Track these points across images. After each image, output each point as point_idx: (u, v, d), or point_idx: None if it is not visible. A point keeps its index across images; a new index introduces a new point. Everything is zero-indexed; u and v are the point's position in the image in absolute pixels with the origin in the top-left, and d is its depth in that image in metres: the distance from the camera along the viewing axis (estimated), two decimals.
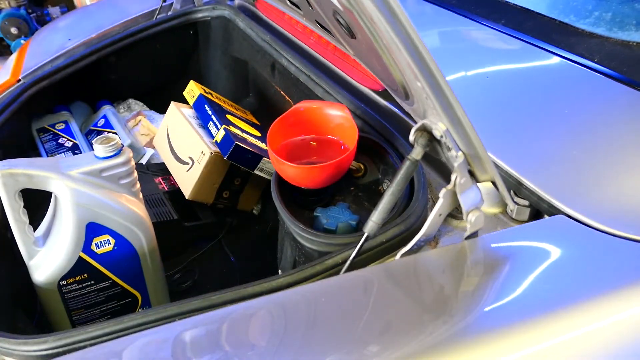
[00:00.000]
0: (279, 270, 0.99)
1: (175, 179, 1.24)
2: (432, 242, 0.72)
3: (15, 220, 0.81)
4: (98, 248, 0.86)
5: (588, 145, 0.78)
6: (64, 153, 1.25)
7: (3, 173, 0.78)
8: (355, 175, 0.93)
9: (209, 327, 0.60)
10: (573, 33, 1.02)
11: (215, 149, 1.14)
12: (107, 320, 0.64)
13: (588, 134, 0.80)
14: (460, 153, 0.62)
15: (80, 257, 0.85)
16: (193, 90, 1.30)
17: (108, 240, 0.87)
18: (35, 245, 0.85)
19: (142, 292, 0.95)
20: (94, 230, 0.85)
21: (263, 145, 1.18)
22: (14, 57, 1.55)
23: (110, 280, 0.90)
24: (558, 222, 0.69)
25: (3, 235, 0.90)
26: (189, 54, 1.60)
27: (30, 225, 0.84)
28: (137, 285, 0.94)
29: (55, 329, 0.90)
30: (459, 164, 0.63)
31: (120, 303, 0.94)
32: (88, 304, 0.91)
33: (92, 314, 0.92)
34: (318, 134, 0.94)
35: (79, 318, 0.92)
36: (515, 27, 1.08)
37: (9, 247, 0.89)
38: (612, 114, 0.84)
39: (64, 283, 0.87)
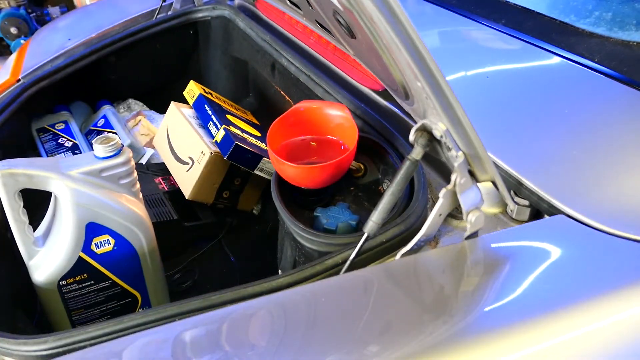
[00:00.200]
0: (279, 270, 0.99)
1: (175, 179, 1.24)
2: (432, 242, 0.72)
3: (15, 220, 0.81)
4: (98, 248, 0.86)
5: (588, 145, 0.78)
6: (64, 153, 1.24)
7: (3, 173, 0.78)
8: (355, 175, 0.93)
9: (209, 327, 0.60)
10: (573, 33, 1.02)
11: (215, 149, 1.14)
12: (107, 320, 0.64)
13: (588, 134, 0.80)
14: (460, 153, 0.62)
15: (80, 257, 0.85)
16: (193, 90, 1.30)
17: (108, 240, 0.87)
18: (35, 245, 0.85)
19: (142, 292, 0.95)
20: (94, 230, 0.85)
21: (263, 145, 1.18)
22: (14, 57, 1.55)
23: (110, 280, 0.90)
24: (558, 222, 0.69)
25: (3, 235, 0.90)
26: (189, 54, 1.60)
27: (30, 225, 0.84)
28: (137, 285, 0.94)
29: (55, 329, 0.90)
30: (459, 164, 0.63)
31: (120, 303, 0.94)
32: (88, 304, 0.91)
33: (92, 314, 0.92)
34: (318, 134, 0.94)
35: (79, 318, 0.92)
36: (515, 27, 1.08)
37: (9, 247, 0.89)
38: (612, 114, 0.83)
39: (64, 283, 0.87)
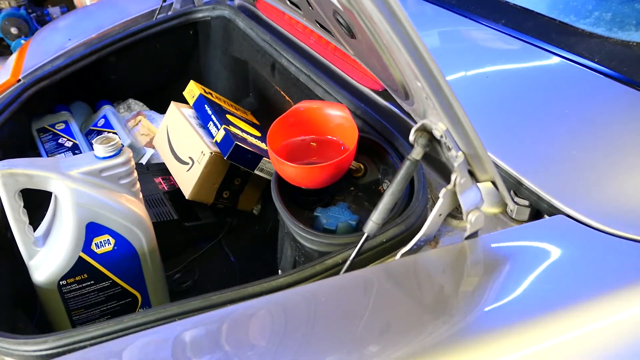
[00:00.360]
0: (279, 270, 0.99)
1: (175, 179, 1.24)
2: (432, 242, 0.72)
3: (15, 220, 0.81)
4: (98, 248, 0.86)
5: (588, 145, 0.78)
6: (64, 153, 1.25)
7: (3, 173, 0.78)
8: (355, 175, 0.93)
9: (209, 327, 0.60)
10: (573, 33, 1.02)
11: (215, 149, 1.14)
12: (107, 320, 0.64)
13: (588, 134, 0.80)
14: (460, 153, 0.62)
15: (80, 257, 0.85)
16: (193, 90, 1.30)
17: (108, 240, 0.87)
18: (35, 245, 0.85)
19: (142, 292, 0.95)
20: (94, 230, 0.85)
21: (263, 145, 1.18)
22: (14, 57, 1.55)
23: (110, 280, 0.90)
24: (558, 222, 0.69)
25: (3, 235, 0.90)
26: (189, 54, 1.60)
27: (30, 225, 0.84)
28: (137, 285, 0.94)
29: (55, 329, 0.90)
30: (459, 164, 0.63)
31: (120, 303, 0.94)
32: (88, 304, 0.91)
33: (92, 314, 0.92)
34: (318, 134, 0.94)
35: (79, 318, 0.92)
36: (515, 27, 1.08)
37: (9, 247, 0.89)
38: (612, 114, 0.83)
39: (64, 283, 0.87)
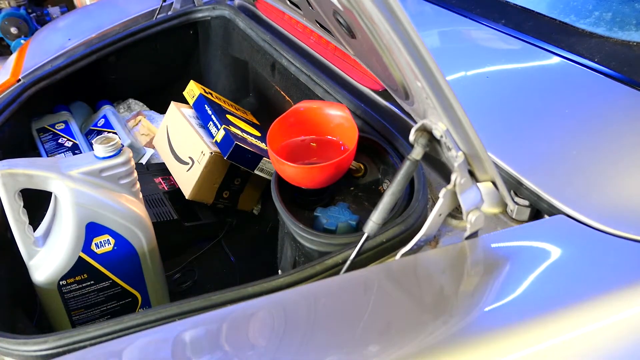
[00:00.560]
0: (279, 270, 0.99)
1: (175, 179, 1.24)
2: (432, 242, 0.72)
3: (15, 220, 0.81)
4: (98, 248, 0.86)
5: (588, 145, 0.78)
6: (64, 153, 1.25)
7: (3, 173, 0.78)
8: (355, 175, 0.93)
9: (209, 327, 0.60)
10: (573, 33, 1.02)
11: (215, 149, 1.14)
12: (107, 320, 0.64)
13: (588, 134, 0.80)
14: (460, 153, 0.62)
15: (80, 257, 0.85)
16: (193, 90, 1.30)
17: (108, 240, 0.87)
18: (35, 245, 0.85)
19: (142, 292, 0.95)
20: (94, 230, 0.85)
21: (263, 145, 1.18)
22: (14, 57, 1.55)
23: (110, 280, 0.90)
24: (558, 222, 0.69)
25: (3, 235, 0.90)
26: (189, 54, 1.60)
27: (30, 225, 0.84)
28: (137, 285, 0.94)
29: (55, 329, 0.90)
30: (459, 164, 0.63)
31: (120, 303, 0.94)
32: (88, 304, 0.91)
33: (92, 314, 0.92)
34: (318, 134, 0.94)
35: (79, 318, 0.92)
36: (515, 27, 1.08)
37: (9, 247, 0.89)
38: (612, 114, 0.83)
39: (64, 283, 0.87)
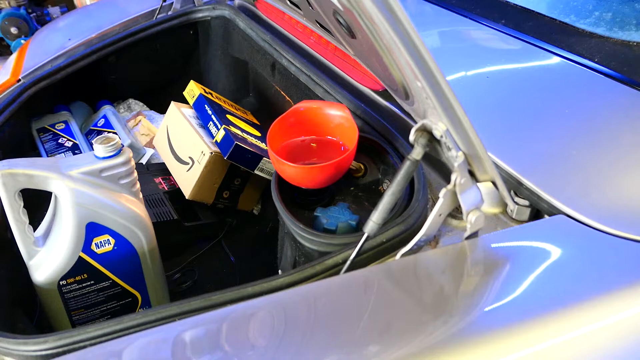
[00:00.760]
0: (279, 270, 0.99)
1: (175, 179, 1.24)
2: (432, 242, 0.72)
3: (15, 220, 0.81)
4: (98, 248, 0.86)
5: (588, 145, 0.78)
6: (64, 153, 1.25)
7: (3, 173, 0.78)
8: (355, 175, 0.93)
9: (209, 327, 0.60)
10: (573, 33, 1.02)
11: (215, 149, 1.14)
12: (107, 320, 0.64)
13: (588, 134, 0.80)
14: (460, 153, 0.62)
15: (80, 257, 0.85)
16: (193, 90, 1.30)
17: (108, 240, 0.87)
18: (35, 245, 0.85)
19: (142, 292, 0.95)
20: (94, 230, 0.85)
21: (263, 145, 1.18)
22: (14, 57, 1.55)
23: (110, 280, 0.90)
24: (558, 222, 0.69)
25: (3, 235, 0.90)
26: (189, 54, 1.60)
27: (30, 225, 0.84)
28: (137, 285, 0.94)
29: (55, 329, 0.90)
30: (459, 164, 0.63)
31: (120, 303, 0.94)
32: (88, 304, 0.91)
33: (92, 314, 0.92)
34: (318, 134, 0.94)
35: (79, 318, 0.92)
36: (515, 27, 1.08)
37: (9, 247, 0.89)
38: (612, 114, 0.83)
39: (64, 283, 0.87)
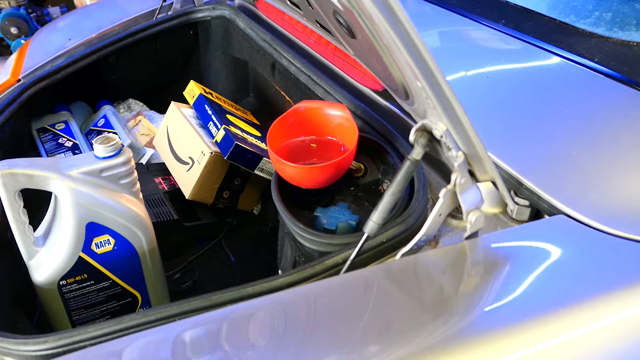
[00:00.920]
0: (279, 270, 0.99)
1: (175, 179, 1.24)
2: (432, 242, 0.72)
3: (15, 220, 0.81)
4: (98, 248, 0.86)
5: (588, 145, 0.78)
6: (64, 153, 1.25)
7: (3, 173, 0.78)
8: (355, 175, 0.93)
9: (209, 327, 0.60)
10: (573, 33, 1.02)
11: (216, 149, 1.14)
12: (107, 320, 0.64)
13: (588, 134, 0.80)
14: (460, 153, 0.62)
15: (80, 257, 0.85)
16: (193, 90, 1.30)
17: (108, 240, 0.87)
18: (35, 245, 0.85)
19: (142, 292, 0.95)
20: (94, 230, 0.85)
21: (263, 145, 1.18)
22: (14, 57, 1.55)
23: (110, 280, 0.90)
24: (558, 222, 0.69)
25: (3, 235, 0.90)
26: (189, 54, 1.60)
27: (30, 225, 0.84)
28: (137, 285, 0.94)
29: (55, 329, 0.90)
30: (459, 164, 0.63)
31: (120, 303, 0.94)
32: (88, 304, 0.91)
33: (92, 314, 0.92)
34: (318, 134, 0.94)
35: (79, 318, 0.92)
36: (515, 27, 1.08)
37: (9, 247, 0.89)
38: (612, 114, 0.83)
39: (64, 283, 0.87)
